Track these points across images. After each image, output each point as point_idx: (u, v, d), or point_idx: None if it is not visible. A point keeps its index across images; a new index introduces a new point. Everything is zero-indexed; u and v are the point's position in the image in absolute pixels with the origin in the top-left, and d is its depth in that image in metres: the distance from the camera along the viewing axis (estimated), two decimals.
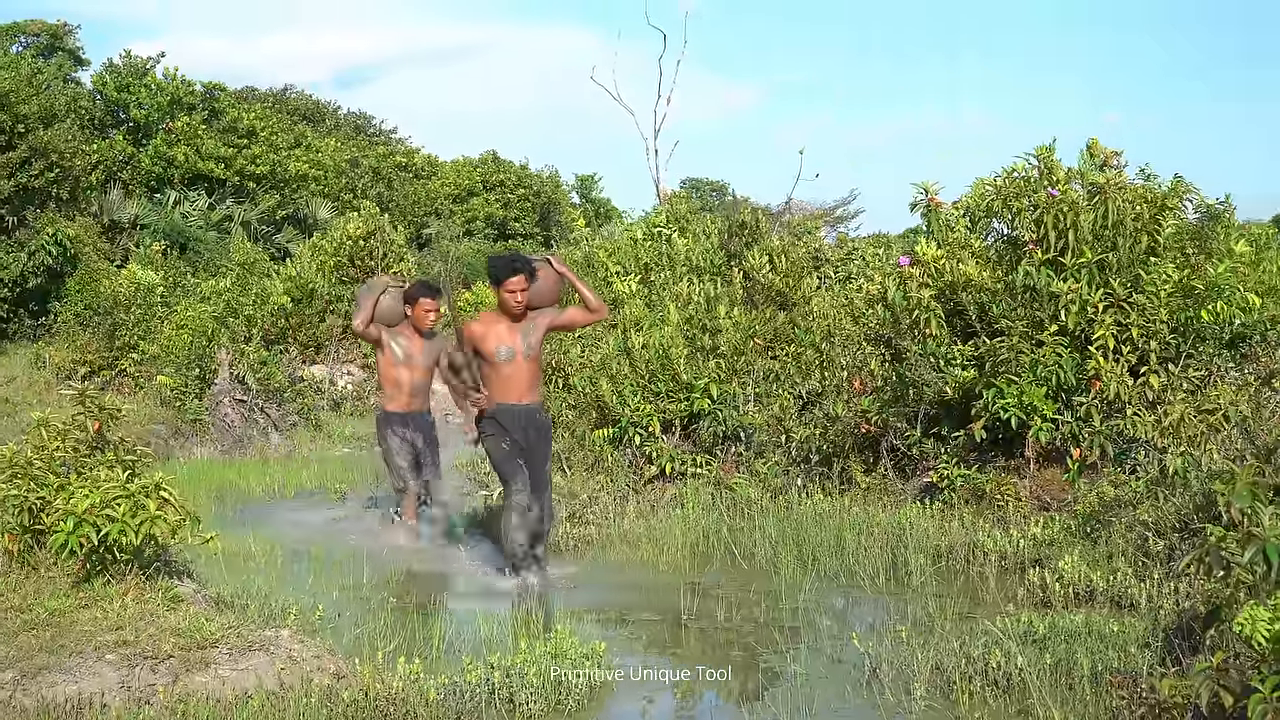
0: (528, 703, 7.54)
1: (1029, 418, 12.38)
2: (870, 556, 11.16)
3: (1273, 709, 4.36)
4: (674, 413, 15.26)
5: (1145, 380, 12.47)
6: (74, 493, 8.82)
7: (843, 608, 10.00)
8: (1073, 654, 7.65)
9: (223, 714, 7.14)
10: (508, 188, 64.68)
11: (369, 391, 26.99)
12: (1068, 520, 11.28)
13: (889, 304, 13.93)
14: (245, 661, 7.98)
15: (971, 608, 9.42)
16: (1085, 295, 12.65)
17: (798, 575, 10.99)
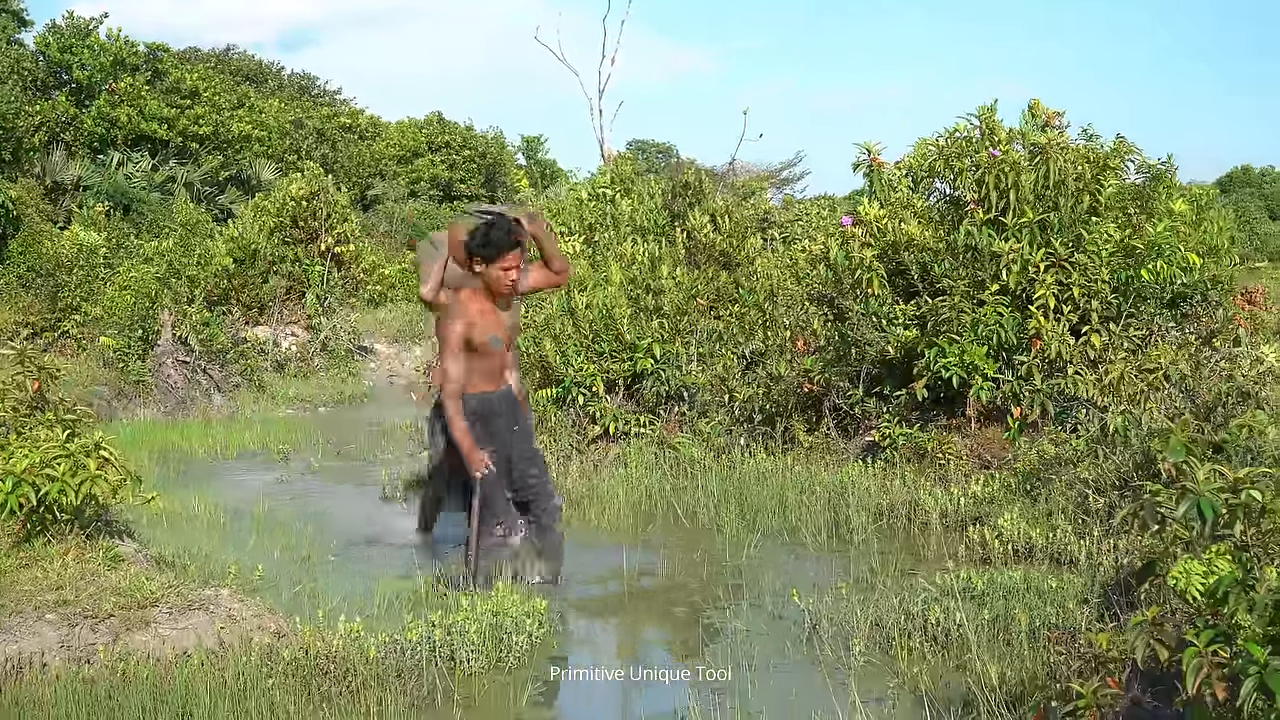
0: (469, 660, 7.55)
1: (970, 376, 12.44)
2: (812, 515, 11.20)
3: (1207, 662, 4.40)
4: (617, 372, 15.27)
5: (1086, 339, 12.53)
6: (13, 452, 8.77)
7: (784, 565, 10.02)
8: (1011, 610, 7.69)
9: (163, 673, 7.11)
10: (453, 149, 64.56)
11: (312, 353, 26.94)
12: (1008, 478, 11.34)
13: (831, 264, 13.96)
14: (185, 620, 7.96)
15: (912, 565, 9.46)
16: (1026, 255, 12.71)
17: (740, 534, 11.01)
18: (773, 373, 14.74)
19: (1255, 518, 4.90)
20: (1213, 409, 10.51)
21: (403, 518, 11.82)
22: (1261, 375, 10.98)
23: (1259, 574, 4.85)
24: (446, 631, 7.68)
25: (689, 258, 17.41)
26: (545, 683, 7.55)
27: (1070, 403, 12.31)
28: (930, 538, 10.30)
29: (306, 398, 23.46)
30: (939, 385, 12.74)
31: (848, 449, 13.49)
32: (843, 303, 13.87)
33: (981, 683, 6.40)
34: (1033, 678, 6.55)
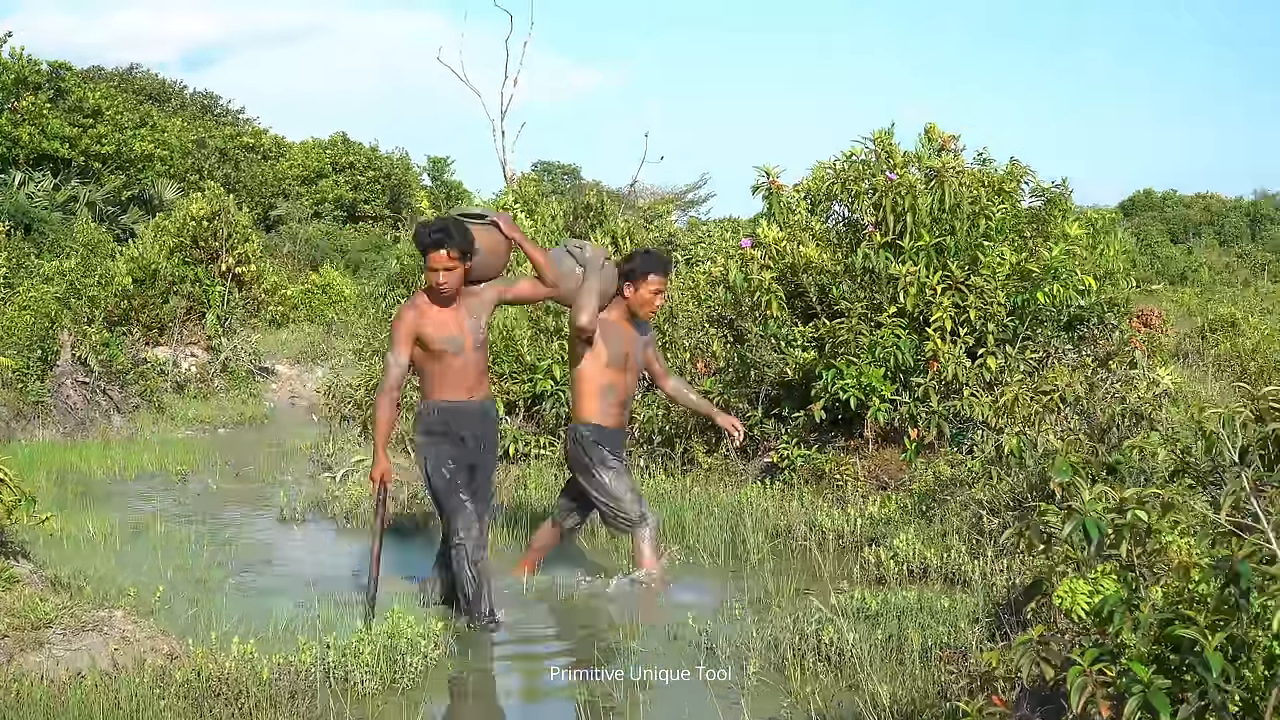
0: (362, 682, 7.52)
1: (868, 398, 12.53)
2: (710, 535, 11.23)
3: (1092, 681, 4.44)
4: (517, 394, 15.30)
5: (982, 361, 12.66)
6: None
7: (680, 585, 10.04)
8: (904, 630, 7.75)
9: (56, 694, 7.05)
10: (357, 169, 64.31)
11: (212, 374, 26.76)
12: (904, 499, 11.44)
13: (731, 285, 14.01)
14: (79, 642, 7.89)
15: (808, 585, 9.50)
16: (923, 277, 12.82)
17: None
18: None
19: (1141, 538, 4.95)
20: (1107, 430, 10.62)
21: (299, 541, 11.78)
22: (1157, 397, 11.11)
23: (1144, 593, 4.90)
24: (341, 653, 7.65)
25: None
26: (440, 704, 7.54)
27: (966, 424, 12.42)
28: (827, 558, 10.33)
29: (206, 419, 23.29)
30: (837, 407, 12.82)
31: (746, 470, 13.55)
32: (742, 324, 13.93)
33: (874, 702, 6.43)
34: (924, 697, 6.59)
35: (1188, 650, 4.43)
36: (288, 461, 16.87)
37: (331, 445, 16.95)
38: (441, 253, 8.96)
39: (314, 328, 33.01)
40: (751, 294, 13.64)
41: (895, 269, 12.87)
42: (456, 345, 9.14)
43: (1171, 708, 4.30)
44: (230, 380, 26.84)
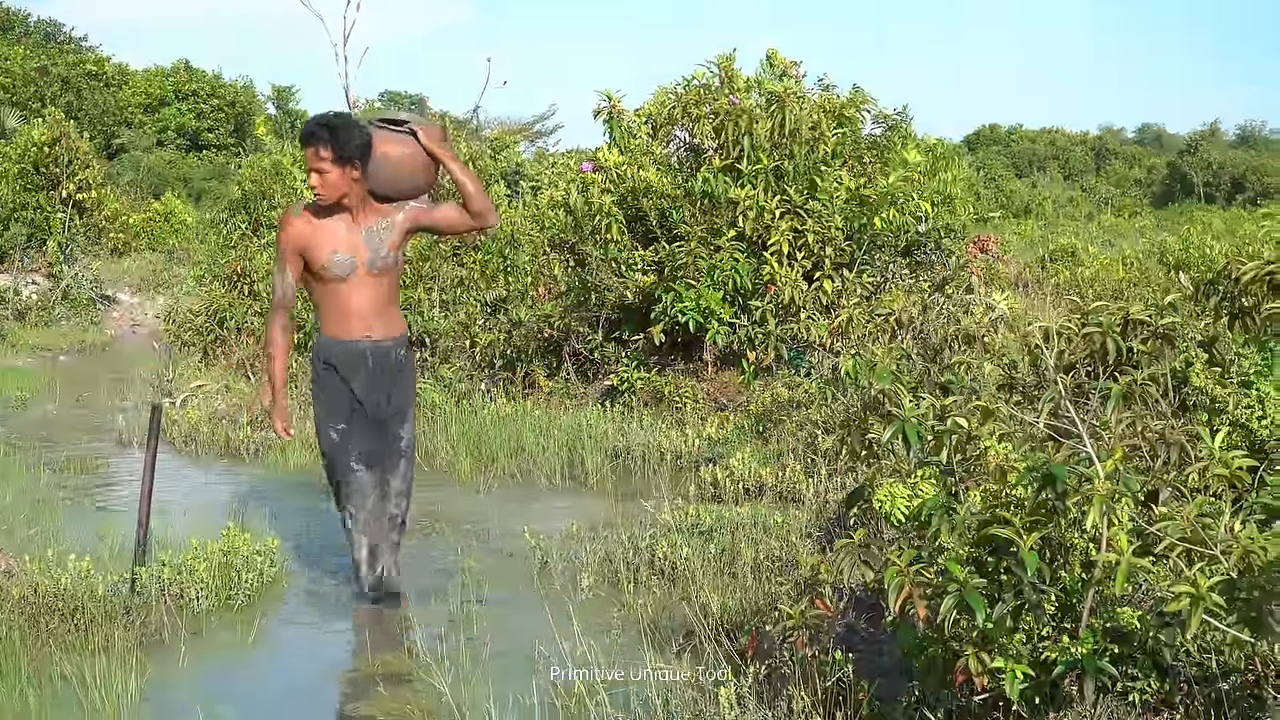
0: (198, 598, 7.47)
1: (706, 321, 12.59)
2: (549, 457, 11.26)
3: (909, 581, 4.52)
4: None
5: (819, 285, 12.75)
6: None
7: (518, 506, 10.07)
8: (736, 544, 7.82)
9: None
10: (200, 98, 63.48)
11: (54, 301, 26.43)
12: (742, 420, 11.53)
13: (571, 209, 13.99)
14: None
15: (644, 504, 9.55)
16: (762, 202, 12.88)
17: (475, 476, 11.07)
18: (514, 318, 14.75)
19: (961, 444, 5.03)
20: (939, 352, 10.75)
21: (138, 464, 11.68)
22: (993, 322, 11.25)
23: (963, 498, 4.99)
24: (176, 570, 7.59)
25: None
26: (274, 619, 7.52)
27: (803, 347, 12.53)
28: (664, 477, 10.40)
29: (47, 346, 22.96)
30: (676, 330, 12.89)
31: (587, 393, 13.58)
32: (582, 248, 13.92)
33: (704, 612, 6.50)
34: (755, 608, 6.66)
35: (1004, 551, 4.51)
36: (128, 388, 16.65)
37: (171, 371, 16.77)
38: (310, 150, 7.28)
39: (155, 256, 32.62)
40: (592, 218, 13.63)
41: (734, 193, 12.92)
42: (344, 267, 7.37)
43: (987, 608, 4.38)
44: (71, 308, 26.49)
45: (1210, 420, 5.93)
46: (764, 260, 12.79)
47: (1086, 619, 4.51)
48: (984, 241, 15.38)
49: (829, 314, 12.64)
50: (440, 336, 15.08)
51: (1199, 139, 79.17)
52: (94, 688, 6.10)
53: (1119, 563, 4.29)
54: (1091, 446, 4.65)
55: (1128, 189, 71.92)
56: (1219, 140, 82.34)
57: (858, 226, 13.12)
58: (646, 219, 13.60)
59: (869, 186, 13.12)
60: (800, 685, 5.02)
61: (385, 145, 7.37)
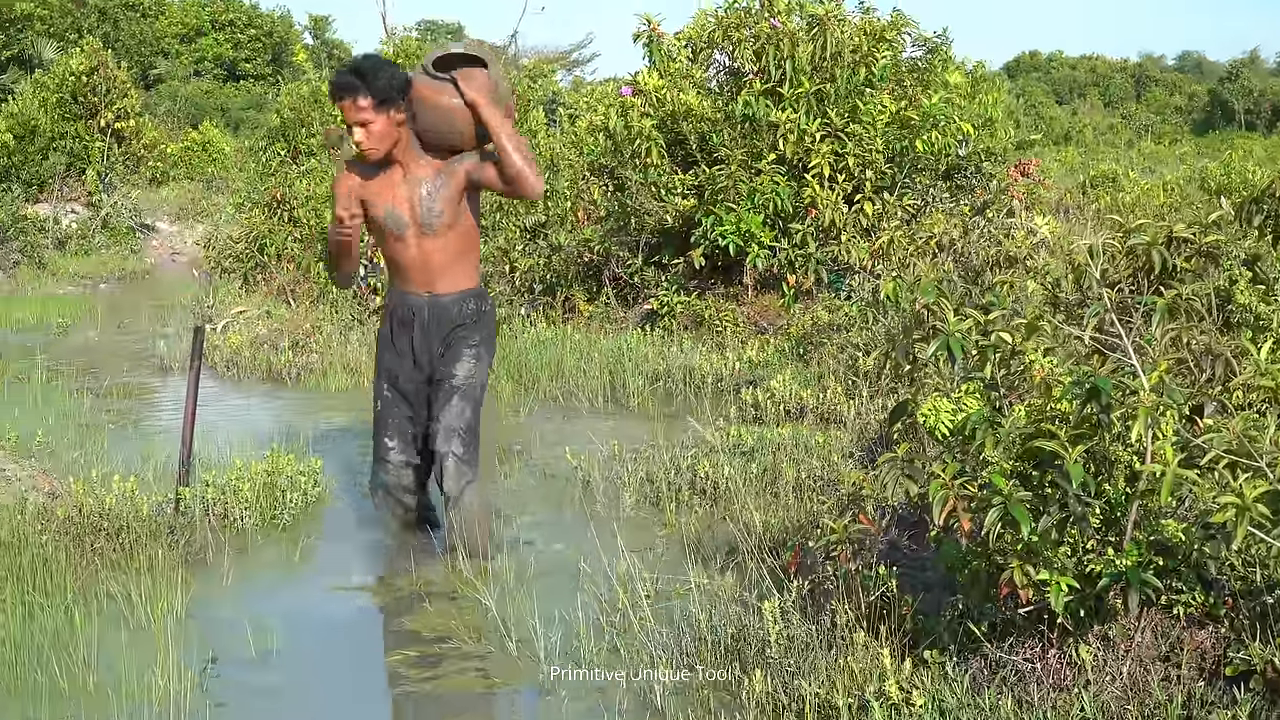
0: (242, 518, 7.52)
1: (746, 245, 12.56)
2: (589, 380, 11.28)
3: (953, 495, 4.52)
4: None
5: (859, 208, 12.71)
6: None
7: (559, 427, 10.09)
8: (778, 464, 7.83)
9: None
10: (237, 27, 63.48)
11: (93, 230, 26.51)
12: (782, 343, 11.53)
13: (611, 133, 13.95)
14: None
15: (685, 425, 9.56)
16: (803, 125, 12.82)
17: (517, 398, 11.10)
18: (553, 243, 14.74)
19: (1005, 360, 5.02)
20: (981, 274, 10.73)
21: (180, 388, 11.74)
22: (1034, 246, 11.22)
23: (1007, 412, 4.99)
24: (220, 491, 7.64)
25: None
26: (319, 539, 7.56)
27: (843, 271, 12.50)
28: (705, 400, 10.43)
29: (87, 274, 23.06)
30: (716, 254, 12.87)
31: (627, 317, 13.59)
32: (622, 173, 13.89)
33: (747, 531, 6.51)
34: (797, 526, 6.68)
35: (1049, 464, 4.51)
36: (169, 314, 16.71)
37: (212, 297, 16.84)
38: (346, 101, 6.74)
39: (194, 185, 32.69)
40: (631, 142, 13.59)
41: (775, 116, 12.87)
42: (399, 224, 6.91)
43: (1032, 521, 4.38)
44: (111, 236, 26.56)
45: (1254, 337, 5.91)
46: (804, 183, 12.75)
47: (1131, 532, 4.51)
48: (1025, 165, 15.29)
49: (869, 237, 12.60)
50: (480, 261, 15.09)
51: (1239, 66, 78.63)
52: (140, 605, 6.15)
53: (1164, 475, 4.29)
54: (1137, 360, 4.64)
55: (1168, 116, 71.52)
56: (1259, 68, 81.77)
57: (899, 150, 13.06)
58: (686, 143, 13.56)
59: (910, 109, 13.04)
60: (843, 600, 5.04)
61: (438, 95, 6.79)
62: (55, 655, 5.47)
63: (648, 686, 5.01)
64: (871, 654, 4.72)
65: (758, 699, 4.62)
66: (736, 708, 4.70)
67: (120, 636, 5.79)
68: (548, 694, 5.14)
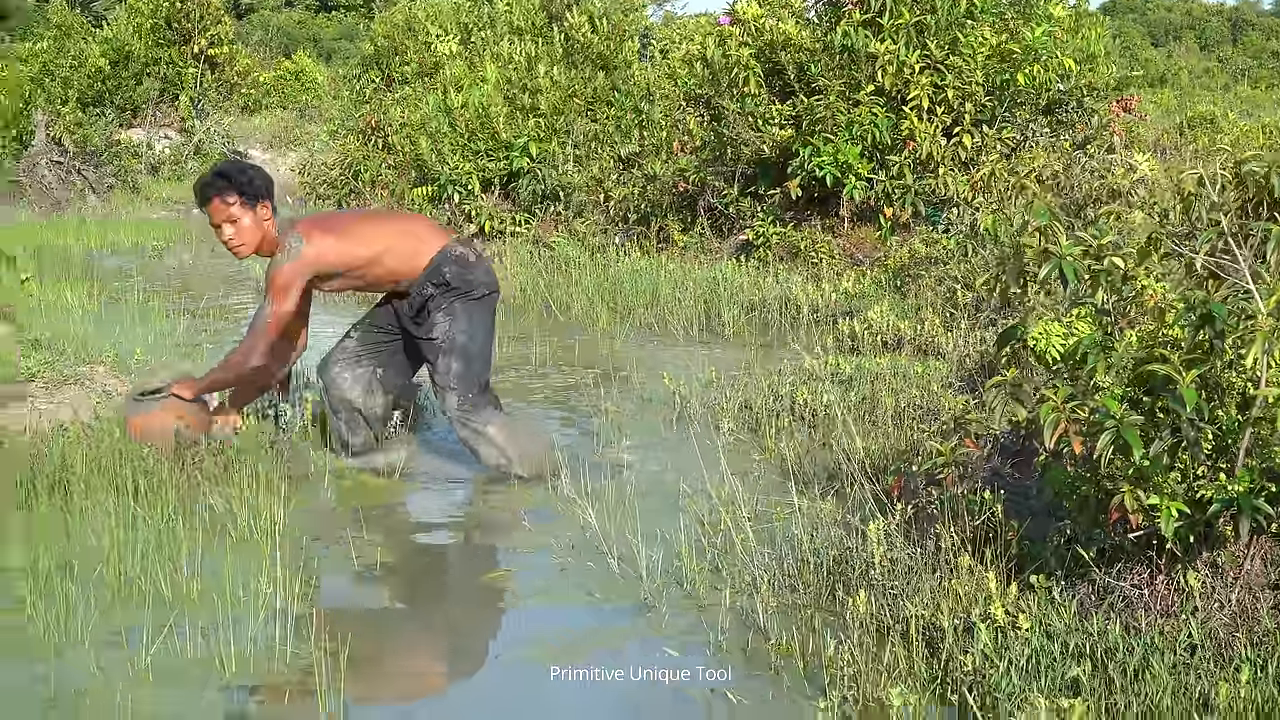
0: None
1: (844, 176, 12.49)
2: (684, 309, 11.29)
3: (1064, 418, 4.48)
4: (493, 171, 15.25)
5: (958, 140, 12.60)
6: None
7: (655, 354, 10.10)
8: (877, 392, 7.81)
9: (38, 445, 7.09)
10: None
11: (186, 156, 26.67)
12: (879, 275, 11.47)
13: (709, 62, 13.88)
14: (61, 395, 7.97)
15: (782, 354, 9.54)
16: (902, 56, 12.71)
17: (612, 325, 11.13)
18: (648, 173, 14.71)
19: (1117, 285, 4.96)
20: (1083, 207, 10.62)
21: None
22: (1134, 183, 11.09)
23: (1119, 337, 4.94)
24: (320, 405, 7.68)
25: (566, 59, 17.27)
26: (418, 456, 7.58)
27: (941, 204, 12.41)
28: (800, 330, 10.40)
29: (180, 200, 23.22)
30: (813, 185, 12.80)
31: (721, 248, 13.56)
32: (719, 103, 13.81)
33: (847, 456, 6.49)
34: (897, 453, 6.66)
35: (1161, 389, 4.47)
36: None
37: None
38: (214, 204, 6.87)
39: (286, 113, 32.81)
40: (729, 71, 13.52)
41: (874, 47, 12.75)
42: None
43: (1144, 446, 4.34)
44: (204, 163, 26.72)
45: None
46: (902, 115, 12.65)
47: (1243, 458, 4.46)
48: (1126, 101, 15.11)
49: (967, 171, 12.50)
50: (574, 191, 15.10)
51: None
52: (241, 518, 6.20)
53: (1278, 401, 4.24)
54: (1253, 286, 4.58)
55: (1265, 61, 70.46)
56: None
57: (999, 83, 12.92)
58: (784, 73, 13.47)
59: (1012, 42, 12.89)
60: (948, 524, 5.02)
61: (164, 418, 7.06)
62: (159, 564, 5.52)
63: (750, 605, 5.01)
64: (976, 578, 4.71)
65: (862, 620, 4.61)
66: (840, 628, 4.69)
67: (222, 547, 5.84)
68: (649, 610, 5.15)
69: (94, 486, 6.55)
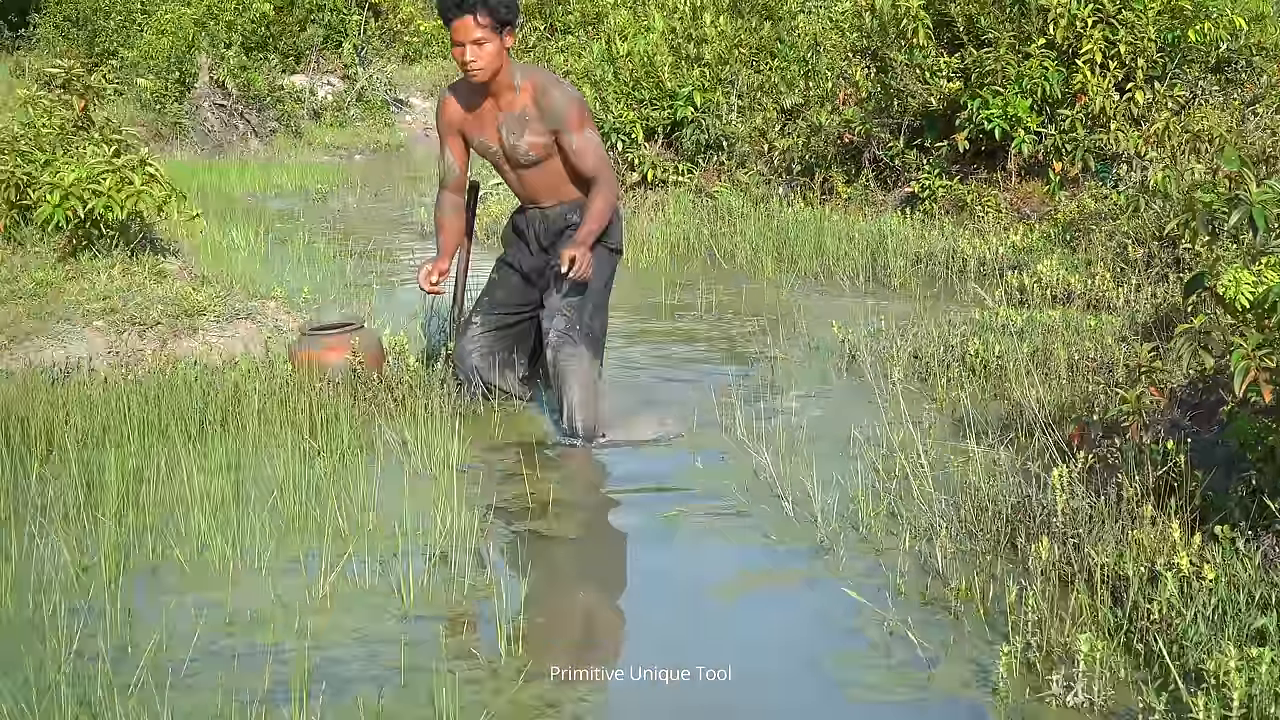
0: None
1: (1012, 129, 12.38)
2: (850, 259, 11.26)
3: (1254, 365, 4.43)
4: (657, 120, 15.24)
5: (1130, 96, 12.44)
6: (60, 167, 8.83)
7: (821, 303, 10.07)
8: (1049, 344, 7.74)
9: (209, 378, 7.21)
10: None
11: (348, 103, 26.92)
12: (1048, 229, 11.36)
13: (877, 13, 13.80)
14: (232, 329, 8.11)
15: (950, 305, 9.50)
16: (1074, 9, 12.55)
17: (777, 274, 11.13)
18: (813, 124, 14.65)
19: None
20: (1258, 163, 10.47)
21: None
22: None
23: None
24: None
25: (732, 8, 17.21)
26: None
27: (1111, 160, 12.27)
28: (968, 282, 10.33)
29: (342, 145, 23.55)
30: (980, 138, 12.69)
31: (886, 200, 13.49)
32: (886, 54, 13.72)
33: (1021, 407, 6.46)
34: (1071, 404, 6.60)
35: None
36: (426, 185, 16.98)
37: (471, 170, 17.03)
38: (461, 21, 6.45)
39: (446, 63, 33.00)
40: (898, 22, 13.43)
41: (1045, 0, 12.61)
42: (492, 155, 7.08)
43: None
44: (365, 110, 27.03)
45: None
46: (1074, 69, 12.49)
47: None
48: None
49: (1139, 126, 12.33)
50: (737, 141, 15.08)
51: None
52: (415, 453, 6.29)
53: None
54: None
55: None
56: None
57: (1170, 40, 12.74)
58: (953, 24, 13.35)
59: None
60: (1131, 473, 4.97)
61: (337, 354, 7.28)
62: (335, 497, 5.60)
63: (928, 551, 5.01)
64: (1160, 528, 4.66)
65: (1044, 567, 4.58)
66: (1021, 575, 4.67)
67: (398, 482, 5.90)
68: (826, 553, 5.15)
69: (268, 419, 6.67)
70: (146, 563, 5.08)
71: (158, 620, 4.53)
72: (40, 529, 5.19)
